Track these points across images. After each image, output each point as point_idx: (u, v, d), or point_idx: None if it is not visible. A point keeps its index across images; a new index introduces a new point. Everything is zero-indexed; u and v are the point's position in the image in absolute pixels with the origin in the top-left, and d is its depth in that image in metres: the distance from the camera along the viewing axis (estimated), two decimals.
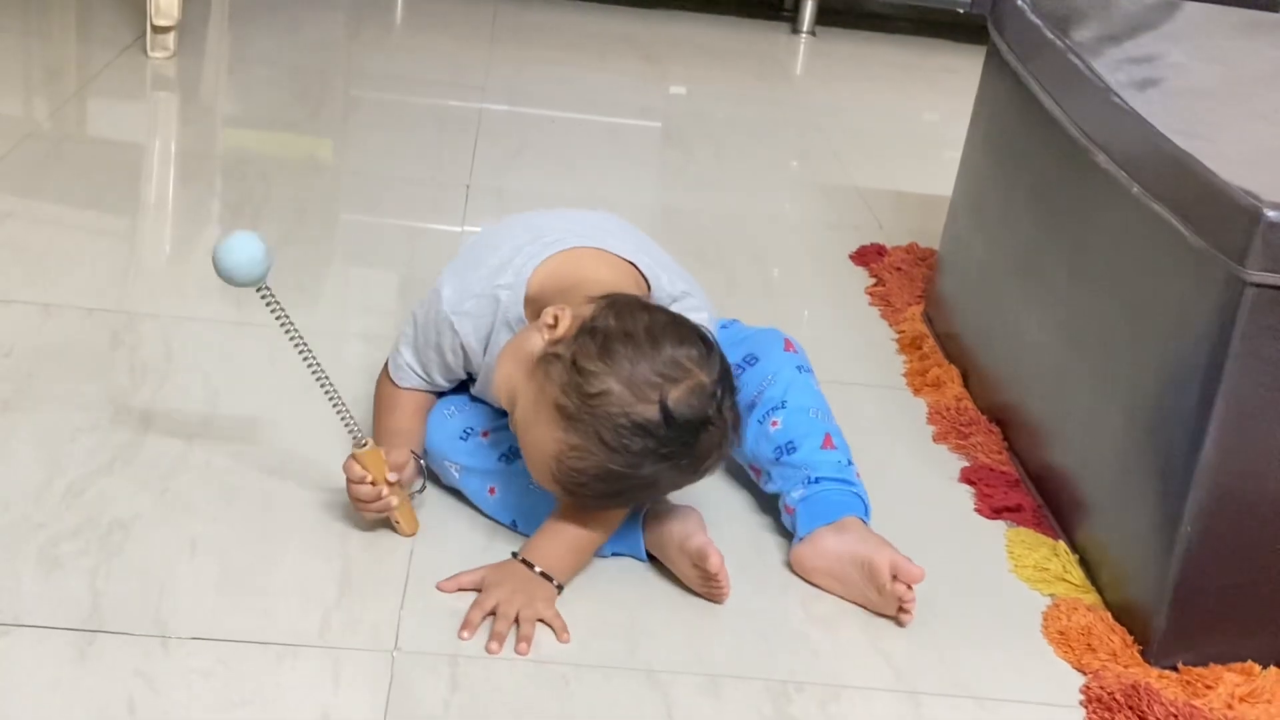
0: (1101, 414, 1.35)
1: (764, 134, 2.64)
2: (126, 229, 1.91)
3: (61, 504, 1.25)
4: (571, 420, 1.13)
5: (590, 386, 1.13)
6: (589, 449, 1.13)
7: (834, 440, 1.34)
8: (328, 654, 1.11)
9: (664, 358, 1.14)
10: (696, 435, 1.14)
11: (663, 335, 1.15)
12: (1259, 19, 1.88)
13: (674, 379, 1.13)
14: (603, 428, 1.12)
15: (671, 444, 1.13)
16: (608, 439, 1.12)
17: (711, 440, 1.16)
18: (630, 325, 1.15)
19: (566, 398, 1.14)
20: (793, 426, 1.33)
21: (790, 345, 1.38)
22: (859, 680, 1.17)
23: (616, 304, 1.18)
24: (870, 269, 2.00)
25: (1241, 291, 1.13)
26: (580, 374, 1.13)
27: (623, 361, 1.13)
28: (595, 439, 1.13)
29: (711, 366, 1.16)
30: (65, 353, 1.51)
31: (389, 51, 2.91)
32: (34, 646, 1.08)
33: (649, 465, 1.14)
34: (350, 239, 1.97)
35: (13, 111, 2.28)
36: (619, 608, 1.22)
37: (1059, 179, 1.48)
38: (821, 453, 1.33)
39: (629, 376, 1.13)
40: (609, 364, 1.13)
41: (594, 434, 1.13)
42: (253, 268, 1.15)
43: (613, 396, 1.12)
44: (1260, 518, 1.19)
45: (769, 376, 1.35)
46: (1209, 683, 1.19)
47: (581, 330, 1.16)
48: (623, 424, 1.12)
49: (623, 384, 1.13)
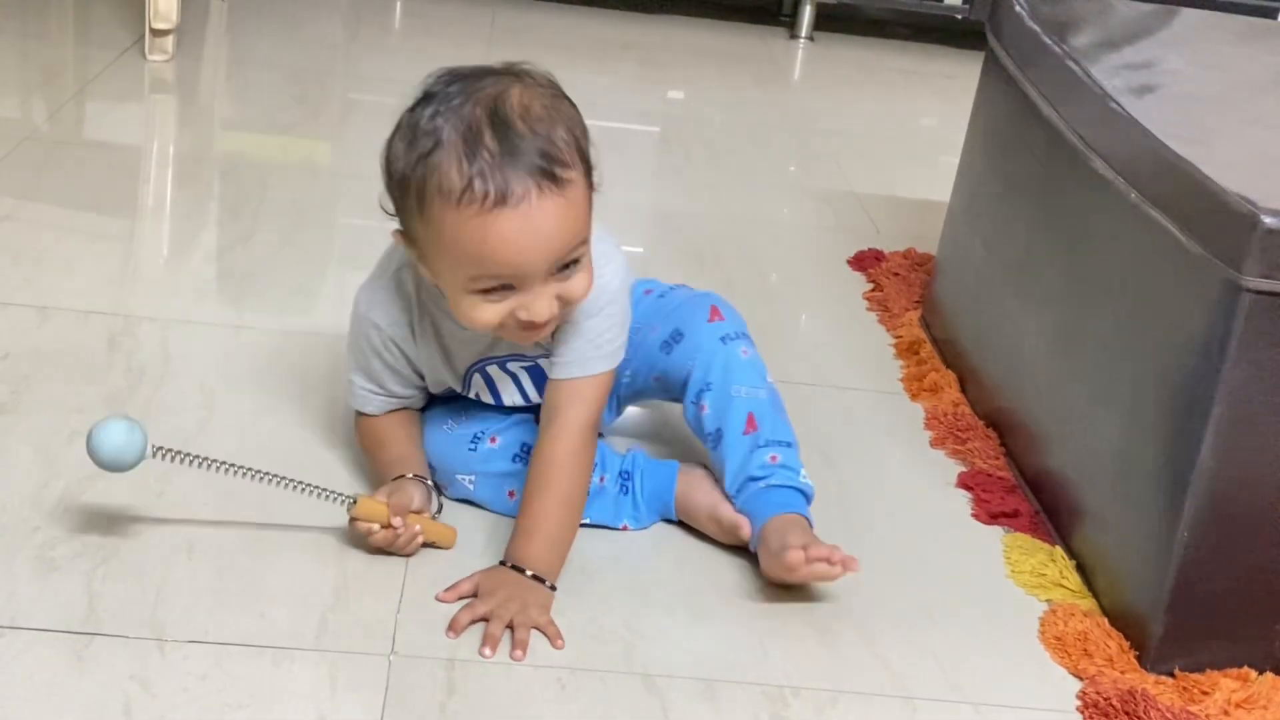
0: (1099, 420, 1.35)
1: (762, 139, 2.64)
2: (124, 231, 1.91)
3: (58, 506, 1.25)
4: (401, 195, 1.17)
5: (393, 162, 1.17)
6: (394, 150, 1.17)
7: (756, 419, 1.31)
8: (324, 657, 1.11)
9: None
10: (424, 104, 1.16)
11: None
12: (1256, 26, 1.89)
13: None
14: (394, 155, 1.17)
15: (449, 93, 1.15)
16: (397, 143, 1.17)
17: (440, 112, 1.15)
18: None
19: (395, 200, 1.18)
20: (718, 412, 1.32)
21: (717, 313, 1.36)
22: (855, 685, 1.17)
23: None
24: (868, 274, 2.01)
25: (1238, 298, 1.13)
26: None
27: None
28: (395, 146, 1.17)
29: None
30: (62, 355, 1.51)
31: (387, 54, 2.91)
32: (30, 649, 1.08)
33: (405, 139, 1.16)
34: (348, 242, 1.97)
35: (11, 114, 2.28)
36: (615, 612, 1.22)
37: (1056, 185, 1.48)
38: (743, 440, 1.30)
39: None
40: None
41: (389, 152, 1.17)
42: (127, 454, 1.14)
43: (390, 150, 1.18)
44: (1257, 524, 1.19)
45: (693, 355, 1.33)
46: (1205, 688, 1.19)
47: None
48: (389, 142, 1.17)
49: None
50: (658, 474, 1.34)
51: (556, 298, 1.17)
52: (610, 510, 1.32)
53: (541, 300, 1.16)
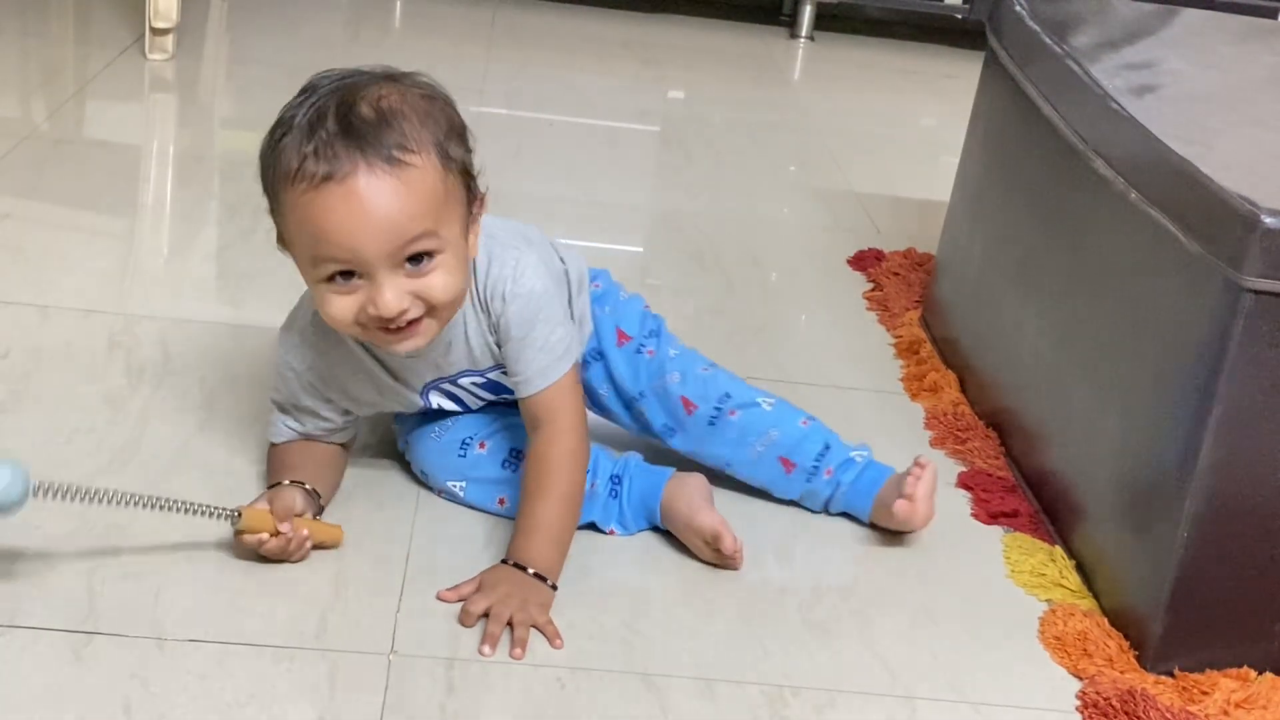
0: (1099, 419, 1.35)
1: (762, 138, 2.64)
2: (124, 230, 1.91)
3: (59, 505, 1.25)
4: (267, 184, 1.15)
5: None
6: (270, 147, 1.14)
7: (789, 457, 1.37)
8: (324, 657, 1.11)
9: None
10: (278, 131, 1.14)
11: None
12: (1256, 25, 1.89)
13: None
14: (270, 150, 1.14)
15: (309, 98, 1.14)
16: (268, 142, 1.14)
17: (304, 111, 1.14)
18: None
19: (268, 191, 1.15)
20: (750, 476, 1.39)
21: (690, 405, 1.36)
22: (855, 685, 1.17)
23: None
24: (868, 274, 2.01)
25: (1239, 298, 1.13)
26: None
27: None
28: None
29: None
30: (62, 354, 1.51)
31: (387, 54, 2.88)
32: (30, 647, 1.08)
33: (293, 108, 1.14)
34: None
35: (11, 113, 2.28)
36: (614, 611, 1.22)
37: (1057, 185, 1.48)
38: (790, 482, 1.38)
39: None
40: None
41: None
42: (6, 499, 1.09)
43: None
44: (1257, 524, 1.19)
45: (692, 447, 1.38)
46: (1205, 688, 1.20)
47: None
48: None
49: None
50: (647, 480, 1.33)
51: (414, 296, 1.13)
52: (599, 513, 1.32)
53: (387, 290, 1.11)
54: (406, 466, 1.37)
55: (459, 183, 1.16)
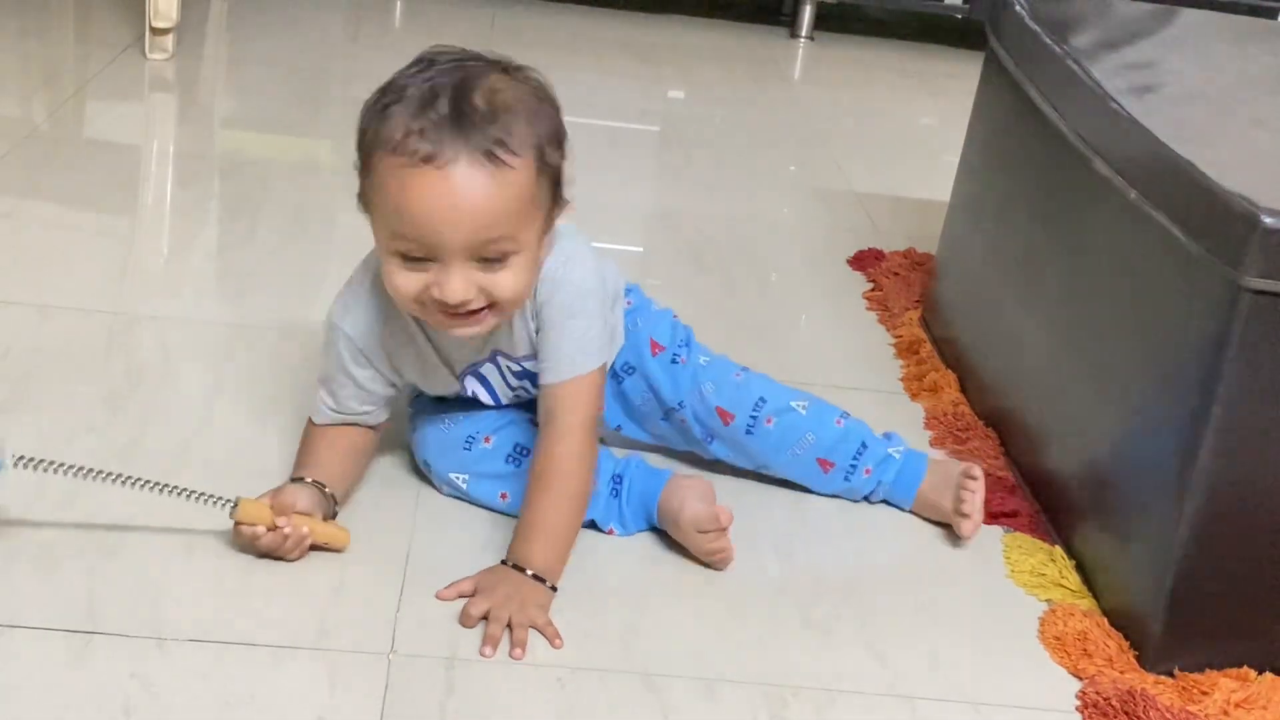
0: (1098, 419, 1.35)
1: (762, 138, 2.64)
2: (124, 230, 1.91)
3: (58, 505, 1.25)
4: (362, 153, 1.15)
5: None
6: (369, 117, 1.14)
7: (824, 457, 1.39)
8: (324, 657, 1.11)
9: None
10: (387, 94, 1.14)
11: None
12: (1256, 26, 1.89)
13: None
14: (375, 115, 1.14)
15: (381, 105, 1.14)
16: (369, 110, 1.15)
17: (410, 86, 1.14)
18: None
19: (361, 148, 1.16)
20: (788, 476, 1.42)
21: (726, 416, 1.38)
22: (855, 685, 1.17)
23: None
24: (867, 274, 2.01)
25: (1238, 297, 1.13)
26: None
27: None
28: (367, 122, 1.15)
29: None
30: (62, 353, 1.51)
31: (388, 53, 2.89)
32: (30, 647, 1.08)
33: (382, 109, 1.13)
34: (349, 240, 1.97)
35: (11, 112, 2.28)
36: (614, 610, 1.22)
37: (1056, 185, 1.48)
38: (829, 480, 1.41)
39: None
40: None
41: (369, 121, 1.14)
42: None
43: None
44: (1256, 523, 1.19)
45: (730, 454, 1.40)
46: (1205, 688, 1.20)
47: None
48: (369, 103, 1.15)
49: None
50: (647, 481, 1.33)
51: (480, 289, 1.15)
52: (600, 512, 1.32)
53: (456, 279, 1.13)
54: (407, 466, 1.37)
55: (548, 188, 1.18)
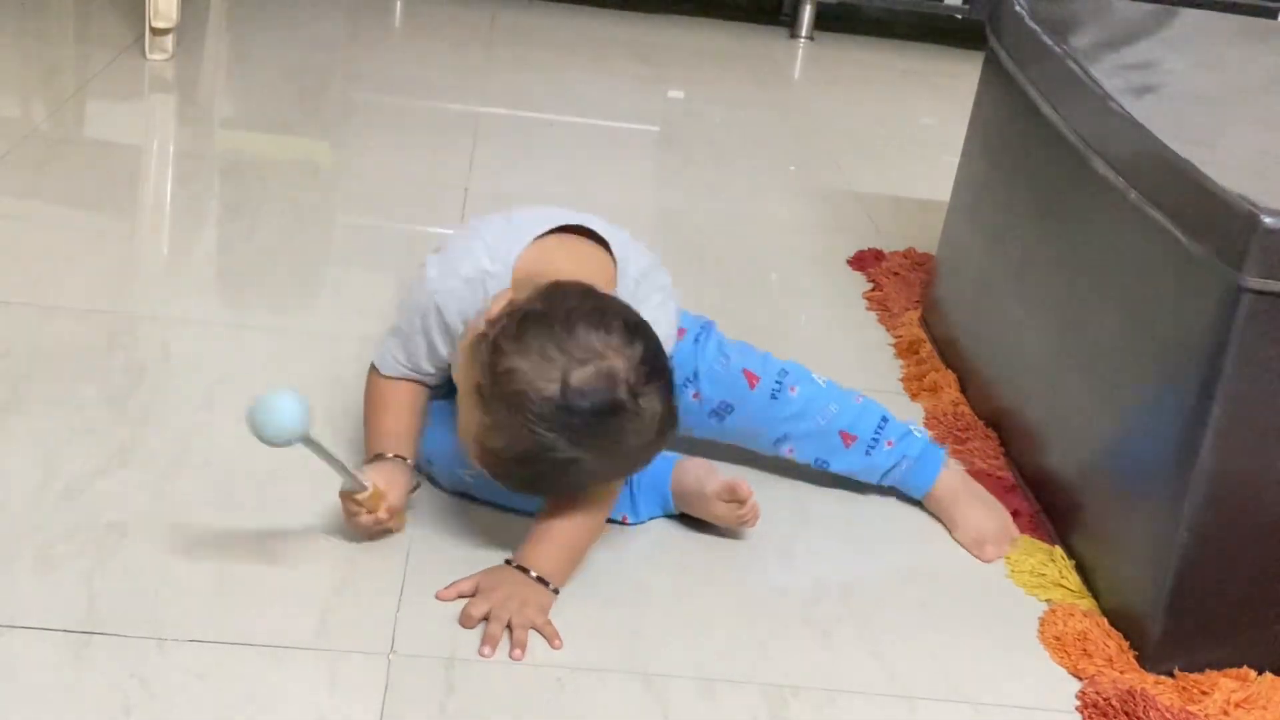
0: (1098, 419, 1.35)
1: (762, 138, 2.64)
2: (124, 230, 1.91)
3: (58, 505, 1.25)
4: (484, 399, 1.14)
5: (500, 365, 1.13)
6: (499, 427, 1.13)
7: (848, 430, 1.40)
8: (324, 657, 1.11)
9: (575, 340, 1.13)
10: (606, 420, 1.13)
11: (580, 320, 1.14)
12: (1256, 26, 1.89)
13: (580, 360, 1.12)
14: (509, 406, 1.12)
15: (579, 427, 1.12)
16: (516, 417, 1.12)
17: (627, 427, 1.13)
18: (551, 308, 1.15)
19: (483, 376, 1.14)
20: (809, 447, 1.41)
21: (752, 378, 1.39)
22: (855, 685, 1.17)
23: (552, 289, 1.18)
24: (868, 274, 2.01)
25: (1239, 298, 1.13)
26: (495, 352, 1.14)
27: (532, 341, 1.13)
28: (503, 416, 1.13)
29: (630, 354, 1.14)
30: (63, 354, 1.51)
31: (387, 54, 2.91)
32: (30, 648, 1.08)
33: (562, 448, 1.12)
34: (348, 241, 1.97)
35: (11, 112, 2.28)
36: (614, 610, 1.22)
37: (1057, 185, 1.48)
38: (849, 455, 1.41)
39: (537, 355, 1.12)
40: (519, 343, 1.13)
41: (502, 412, 1.13)
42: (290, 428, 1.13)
43: (517, 375, 1.12)
44: (1256, 524, 1.19)
45: (751, 420, 1.40)
46: (1205, 688, 1.19)
47: (508, 312, 1.17)
48: (525, 402, 1.12)
49: (528, 362, 1.12)
50: (655, 466, 1.33)
51: None
52: None
53: None
54: None
55: None
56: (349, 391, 1.44)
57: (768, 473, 1.45)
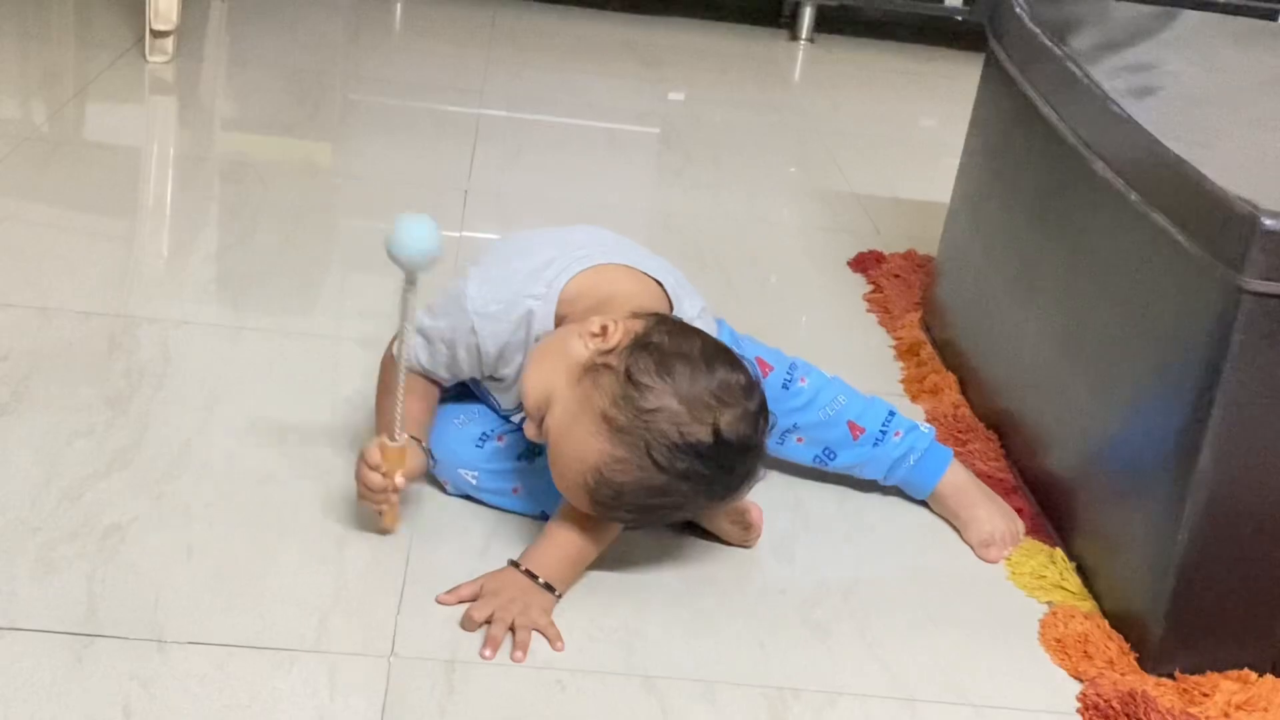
0: (1099, 422, 1.35)
1: (762, 140, 2.64)
2: (124, 232, 1.91)
3: (58, 507, 1.25)
4: (620, 433, 1.13)
5: (645, 401, 1.13)
6: (632, 463, 1.13)
7: (855, 422, 1.41)
8: (324, 659, 1.11)
9: (718, 381, 1.15)
10: (739, 460, 1.16)
11: (716, 360, 1.16)
12: (1256, 27, 1.89)
13: (727, 403, 1.14)
14: (653, 443, 1.12)
15: (714, 467, 1.14)
16: (656, 456, 1.13)
17: (749, 467, 1.17)
18: (685, 346, 1.16)
19: (617, 409, 1.13)
20: (816, 438, 1.41)
21: (765, 367, 1.39)
22: (855, 687, 1.17)
23: (667, 322, 1.20)
24: (868, 275, 2.01)
25: (1239, 299, 1.13)
26: (635, 387, 1.14)
27: (681, 380, 1.14)
28: (643, 454, 1.13)
29: (756, 395, 1.17)
30: (62, 356, 1.51)
31: (387, 55, 2.91)
32: (30, 650, 1.08)
33: (687, 485, 1.14)
34: (348, 243, 1.97)
35: (11, 114, 2.28)
36: (615, 613, 1.22)
37: (1057, 186, 1.48)
38: (857, 447, 1.41)
39: (686, 395, 1.13)
40: (667, 380, 1.14)
41: (643, 449, 1.13)
42: (423, 251, 1.13)
43: (667, 414, 1.13)
44: (1257, 526, 1.19)
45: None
46: (1205, 690, 1.19)
47: (636, 344, 1.16)
48: (675, 442, 1.12)
49: (681, 402, 1.13)
50: None
51: None
52: None
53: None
54: None
55: None
56: (347, 391, 1.44)
57: (768, 472, 1.45)
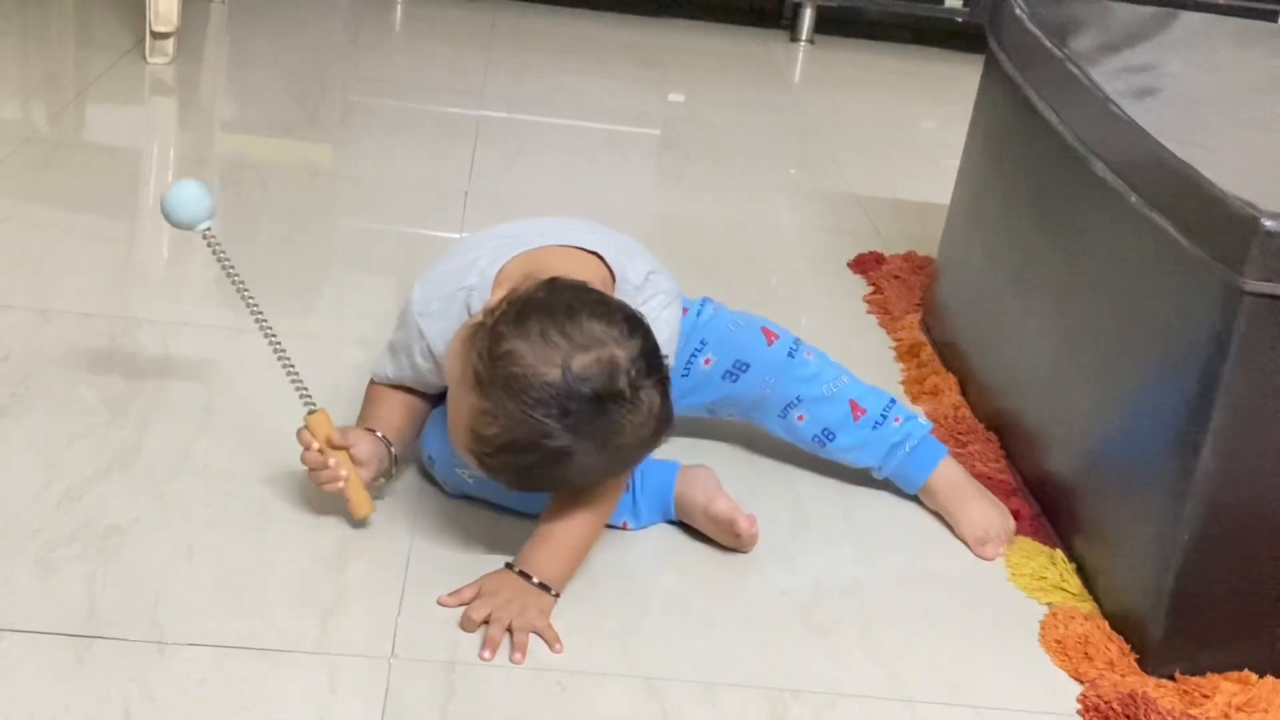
0: (1099, 422, 1.35)
1: (762, 141, 2.64)
2: (124, 234, 1.91)
3: (58, 508, 1.25)
4: (482, 384, 1.13)
5: (498, 347, 1.13)
6: (495, 413, 1.13)
7: (857, 402, 1.41)
8: (324, 660, 1.11)
9: (577, 327, 1.13)
10: (605, 407, 1.12)
11: (581, 308, 1.14)
12: (1256, 29, 1.89)
13: (583, 347, 1.12)
14: (505, 390, 1.12)
15: (577, 415, 1.12)
16: (510, 404, 1.12)
17: (624, 419, 1.13)
18: (553, 298, 1.15)
19: (480, 361, 1.14)
20: (817, 416, 1.40)
21: (771, 335, 1.40)
22: (855, 688, 1.17)
23: (553, 281, 1.18)
24: (868, 277, 2.01)
25: (1239, 301, 1.13)
26: (493, 337, 1.14)
27: (533, 325, 1.13)
28: (500, 401, 1.12)
29: (630, 344, 1.14)
30: (63, 357, 1.51)
31: (388, 57, 2.91)
32: (30, 652, 1.08)
33: (556, 436, 1.12)
34: (348, 244, 1.97)
35: (11, 116, 2.28)
36: (615, 614, 1.22)
37: (1057, 188, 1.48)
38: (857, 429, 1.41)
39: (537, 338, 1.12)
40: (520, 327, 1.13)
41: (499, 396, 1.12)
42: (195, 209, 1.24)
43: (516, 356, 1.12)
44: (1257, 527, 1.19)
45: (765, 379, 1.39)
46: (1206, 692, 1.19)
47: (508, 300, 1.17)
48: (524, 385, 1.11)
49: (528, 345, 1.12)
50: (658, 473, 1.34)
51: None
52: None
53: None
54: (408, 470, 1.37)
55: None
56: (348, 392, 1.44)
57: (767, 474, 1.45)
